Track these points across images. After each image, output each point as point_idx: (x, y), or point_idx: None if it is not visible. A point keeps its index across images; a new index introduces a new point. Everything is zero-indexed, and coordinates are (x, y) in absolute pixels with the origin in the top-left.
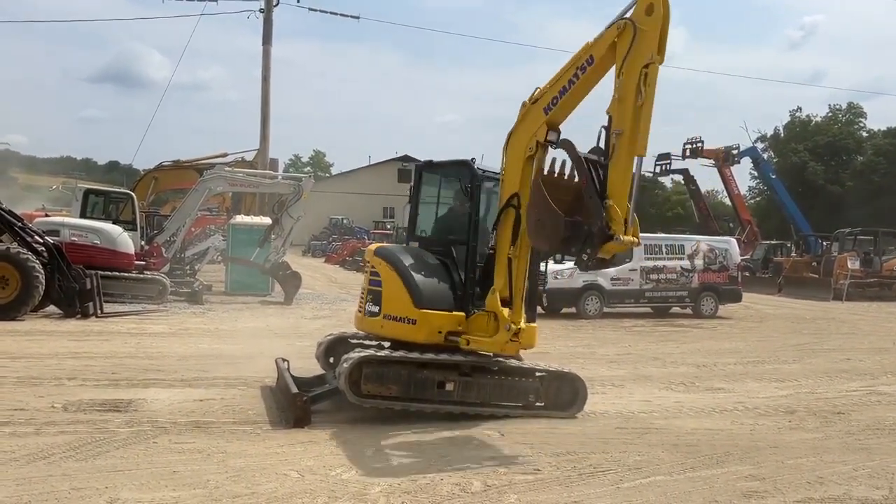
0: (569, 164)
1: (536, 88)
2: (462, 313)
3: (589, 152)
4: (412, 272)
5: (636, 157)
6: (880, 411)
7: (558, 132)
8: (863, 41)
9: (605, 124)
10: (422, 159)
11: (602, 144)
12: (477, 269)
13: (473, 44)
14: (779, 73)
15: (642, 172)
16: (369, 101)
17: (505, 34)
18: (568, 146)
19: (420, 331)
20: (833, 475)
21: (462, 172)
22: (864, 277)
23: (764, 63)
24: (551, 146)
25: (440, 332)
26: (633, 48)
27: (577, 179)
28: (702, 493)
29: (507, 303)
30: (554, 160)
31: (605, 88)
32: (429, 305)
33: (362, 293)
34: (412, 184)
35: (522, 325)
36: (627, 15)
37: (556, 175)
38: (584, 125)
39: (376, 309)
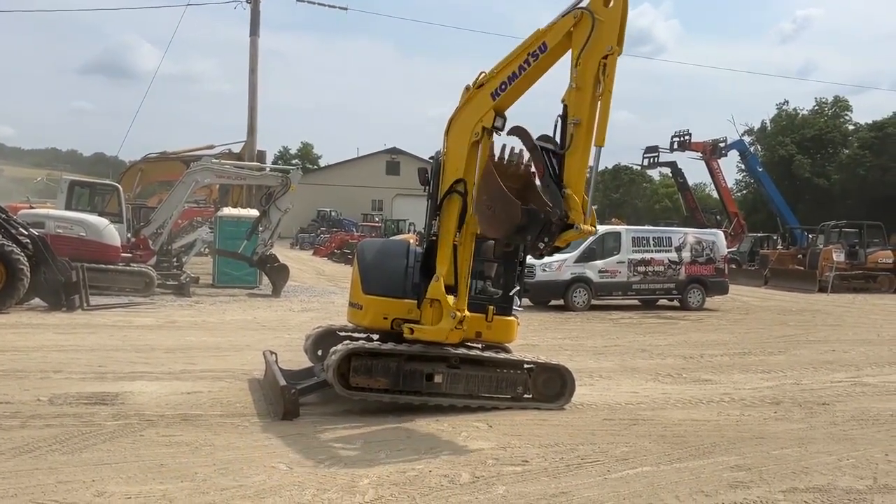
0: (508, 151)
1: (481, 73)
2: (413, 301)
3: (537, 140)
4: (366, 259)
5: (595, 148)
6: (865, 402)
7: (504, 118)
8: (855, 36)
9: (561, 113)
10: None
11: (559, 133)
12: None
13: (464, 36)
14: (769, 67)
15: (630, 165)
16: (358, 94)
17: (497, 27)
18: (522, 134)
19: (366, 315)
20: (818, 465)
21: None
22: (849, 270)
23: (754, 56)
24: (497, 132)
25: (386, 318)
26: (591, 39)
27: (523, 167)
28: (688, 484)
29: (451, 290)
30: (504, 146)
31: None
32: (375, 291)
33: None
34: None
35: (467, 312)
36: (583, 4)
37: (503, 162)
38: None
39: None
